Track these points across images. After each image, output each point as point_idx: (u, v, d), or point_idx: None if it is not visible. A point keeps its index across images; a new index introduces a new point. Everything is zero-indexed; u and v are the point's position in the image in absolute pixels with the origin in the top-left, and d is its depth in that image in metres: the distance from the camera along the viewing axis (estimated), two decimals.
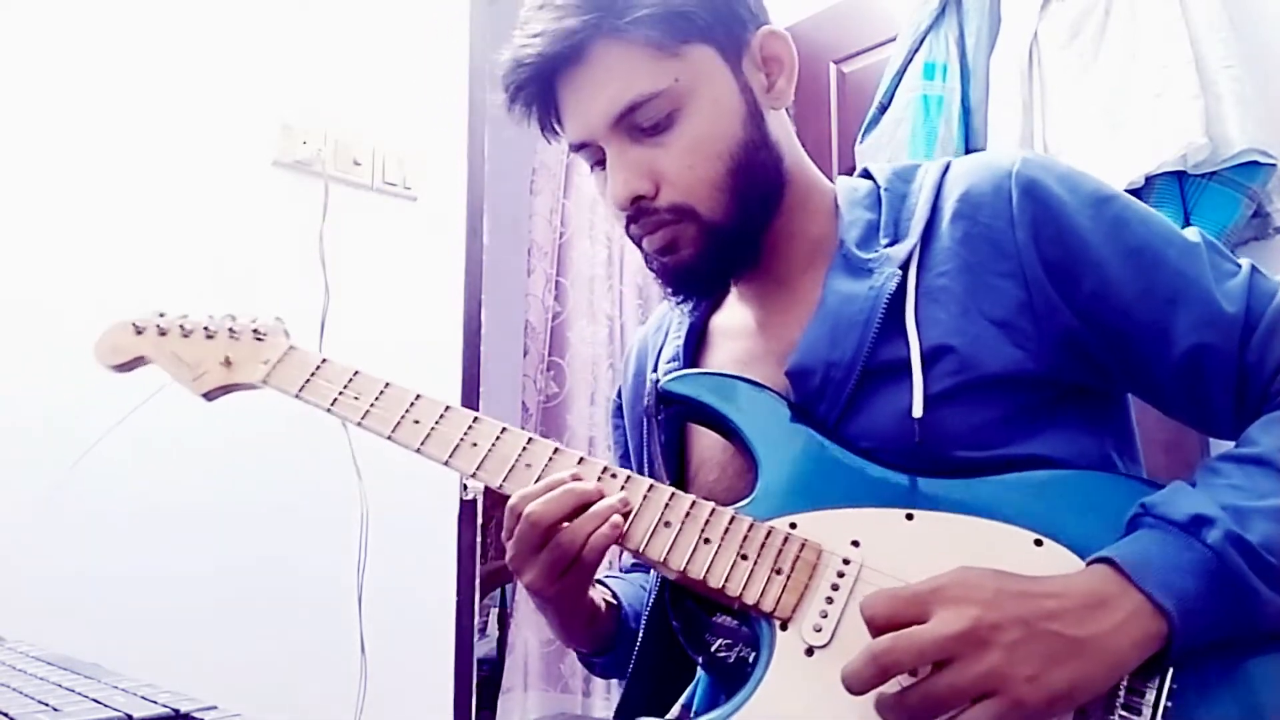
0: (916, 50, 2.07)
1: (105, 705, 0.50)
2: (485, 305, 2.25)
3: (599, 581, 0.92)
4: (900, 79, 2.09)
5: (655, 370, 0.95)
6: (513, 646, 2.70)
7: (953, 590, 0.64)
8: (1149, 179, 1.71)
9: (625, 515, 0.76)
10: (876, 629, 0.65)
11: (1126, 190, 1.65)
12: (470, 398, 2.16)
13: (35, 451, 1.60)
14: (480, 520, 2.17)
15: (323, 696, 1.78)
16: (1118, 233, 0.76)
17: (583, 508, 0.75)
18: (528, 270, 2.90)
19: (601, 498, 0.76)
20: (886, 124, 2.08)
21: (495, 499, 3.43)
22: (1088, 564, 0.68)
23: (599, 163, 0.82)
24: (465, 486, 2.12)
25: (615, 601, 0.92)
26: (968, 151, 2.01)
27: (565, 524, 0.75)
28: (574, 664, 2.70)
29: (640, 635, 0.86)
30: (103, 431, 1.27)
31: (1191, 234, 0.77)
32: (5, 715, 0.49)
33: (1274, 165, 1.66)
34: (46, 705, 0.51)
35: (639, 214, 0.80)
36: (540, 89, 0.81)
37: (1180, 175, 1.71)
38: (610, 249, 2.93)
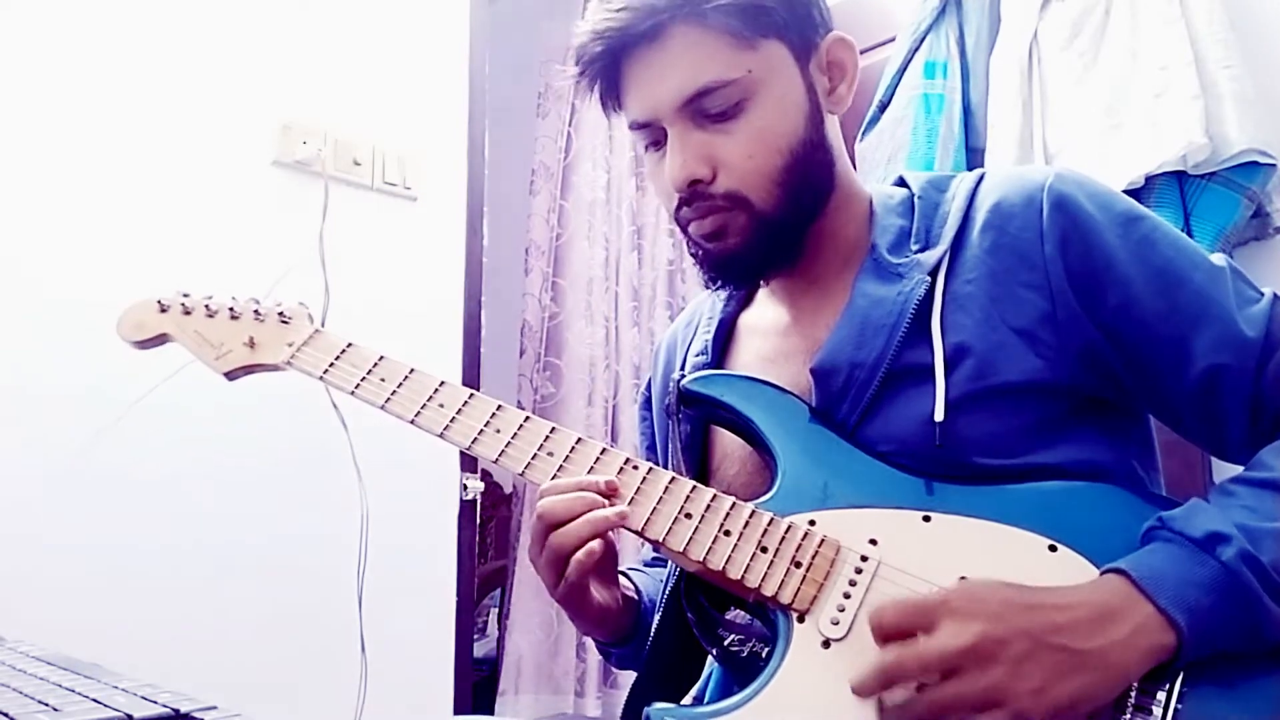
0: (917, 49, 2.07)
1: (105, 705, 0.50)
2: (484, 305, 2.25)
3: (621, 573, 0.93)
4: (901, 77, 2.09)
5: (684, 364, 0.96)
6: (506, 650, 2.70)
7: (960, 602, 0.65)
8: (1149, 179, 1.71)
9: (635, 530, 0.77)
10: (883, 637, 0.66)
11: (1126, 190, 1.66)
12: None
13: (35, 454, 1.60)
14: (480, 520, 2.17)
15: (323, 696, 1.78)
16: (1145, 252, 0.77)
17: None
18: (525, 270, 2.90)
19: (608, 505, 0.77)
20: (887, 122, 2.08)
21: (495, 499, 3.44)
22: (1101, 573, 0.68)
23: (655, 144, 0.84)
24: (465, 487, 2.12)
25: (635, 596, 0.92)
26: (968, 150, 2.01)
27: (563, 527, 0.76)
28: (566, 665, 2.70)
29: (655, 627, 0.87)
30: (119, 413, 1.26)
31: (1218, 259, 0.79)
32: (5, 715, 0.49)
33: (1274, 165, 1.66)
34: (46, 705, 0.51)
35: (693, 197, 0.82)
36: (612, 63, 0.82)
37: (1180, 175, 1.71)
38: (608, 250, 2.92)
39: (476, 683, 2.37)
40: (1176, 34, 1.70)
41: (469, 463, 2.12)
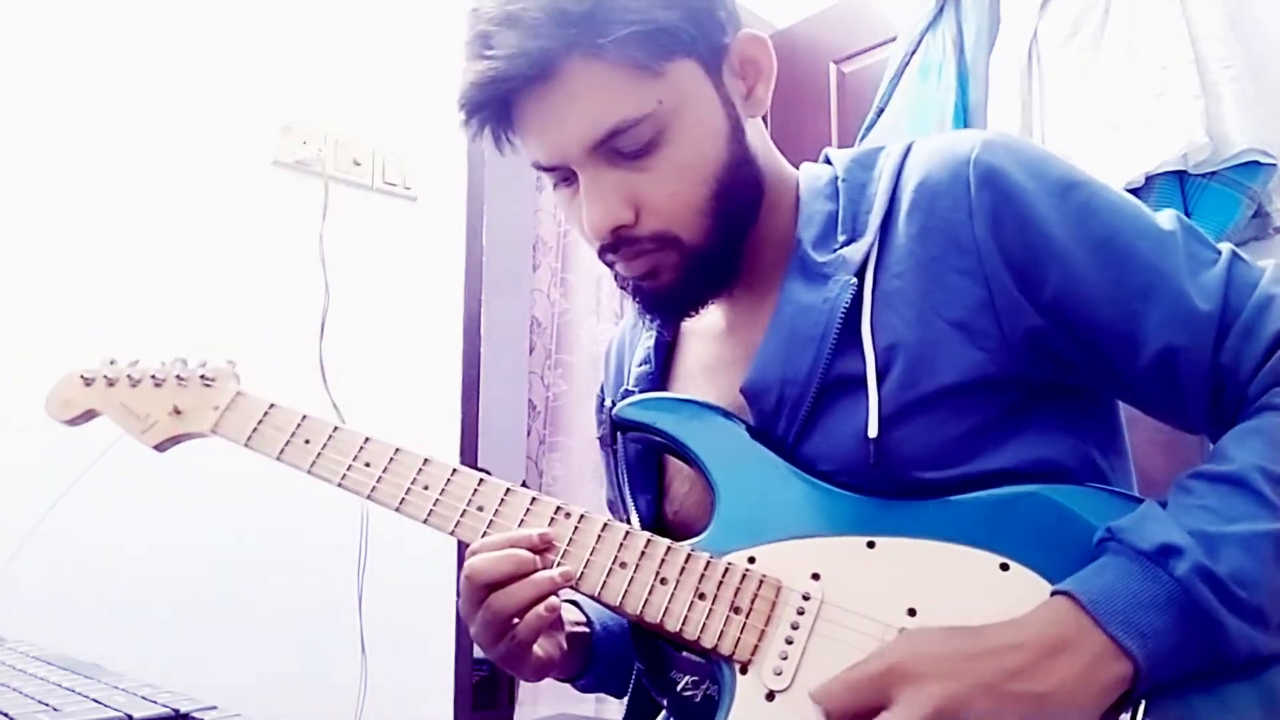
0: (914, 52, 2.08)
1: (105, 705, 0.50)
2: (490, 302, 2.25)
3: (570, 601, 0.89)
4: (898, 81, 2.09)
5: (629, 373, 0.92)
6: None
7: (909, 666, 0.61)
8: (1149, 178, 1.71)
9: (572, 588, 0.74)
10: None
11: (1126, 190, 1.66)
12: (470, 398, 2.16)
13: (38, 454, 1.60)
14: None
15: (323, 696, 1.78)
16: (1084, 222, 0.71)
17: (522, 574, 0.72)
18: (534, 266, 2.90)
19: (542, 568, 0.73)
20: (883, 127, 2.08)
21: None
22: (1051, 595, 0.64)
23: (565, 181, 0.77)
24: None
25: (585, 629, 0.88)
26: None
27: (500, 588, 0.72)
28: None
29: (635, 674, 0.84)
30: (56, 497, 1.26)
31: (1165, 220, 0.72)
32: (5, 715, 0.49)
33: (1274, 165, 1.67)
34: (46, 705, 0.51)
35: (618, 243, 0.75)
36: (501, 107, 0.74)
37: (1180, 175, 1.71)
38: None
39: (476, 683, 2.37)
40: (1176, 33, 1.70)
41: (470, 461, 2.12)
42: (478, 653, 2.69)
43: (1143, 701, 0.62)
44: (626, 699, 0.86)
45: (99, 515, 1.63)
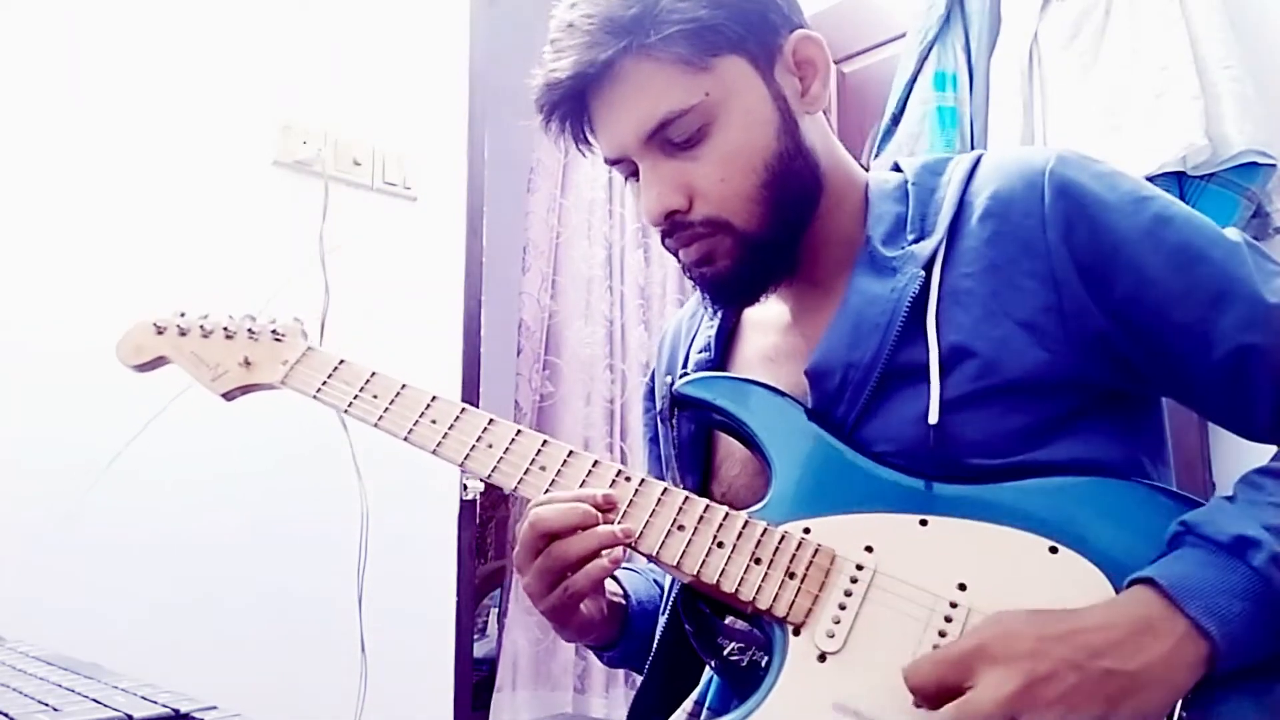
0: (925, 59, 2.07)
1: (105, 705, 0.50)
2: (483, 305, 2.25)
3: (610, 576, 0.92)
4: (911, 89, 2.08)
5: (686, 360, 0.95)
6: (504, 647, 2.70)
7: (996, 646, 0.63)
8: (1149, 180, 1.71)
9: (630, 546, 0.76)
10: (925, 698, 0.64)
11: None
12: (470, 398, 2.16)
13: (40, 456, 1.60)
14: (480, 520, 2.16)
15: (323, 696, 1.78)
16: (1157, 231, 0.74)
17: (586, 526, 0.75)
18: (523, 269, 2.89)
19: (606, 523, 0.76)
20: (902, 137, 2.06)
21: (495, 499, 3.43)
22: (1128, 584, 0.66)
23: (633, 174, 0.82)
24: (465, 486, 2.12)
25: (622, 600, 0.91)
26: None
27: (562, 539, 0.75)
28: (565, 663, 2.69)
29: (656, 641, 0.87)
30: (120, 447, 1.27)
31: (1233, 234, 0.75)
32: (5, 715, 0.49)
33: (1273, 165, 1.67)
34: (46, 705, 0.51)
35: (674, 228, 0.80)
36: (573, 108, 0.81)
37: (1180, 176, 1.71)
38: (609, 250, 2.91)
39: (476, 683, 2.37)
40: (1176, 34, 1.70)
41: None
42: (478, 653, 2.69)
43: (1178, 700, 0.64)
44: (643, 678, 0.88)
45: (100, 515, 1.63)
